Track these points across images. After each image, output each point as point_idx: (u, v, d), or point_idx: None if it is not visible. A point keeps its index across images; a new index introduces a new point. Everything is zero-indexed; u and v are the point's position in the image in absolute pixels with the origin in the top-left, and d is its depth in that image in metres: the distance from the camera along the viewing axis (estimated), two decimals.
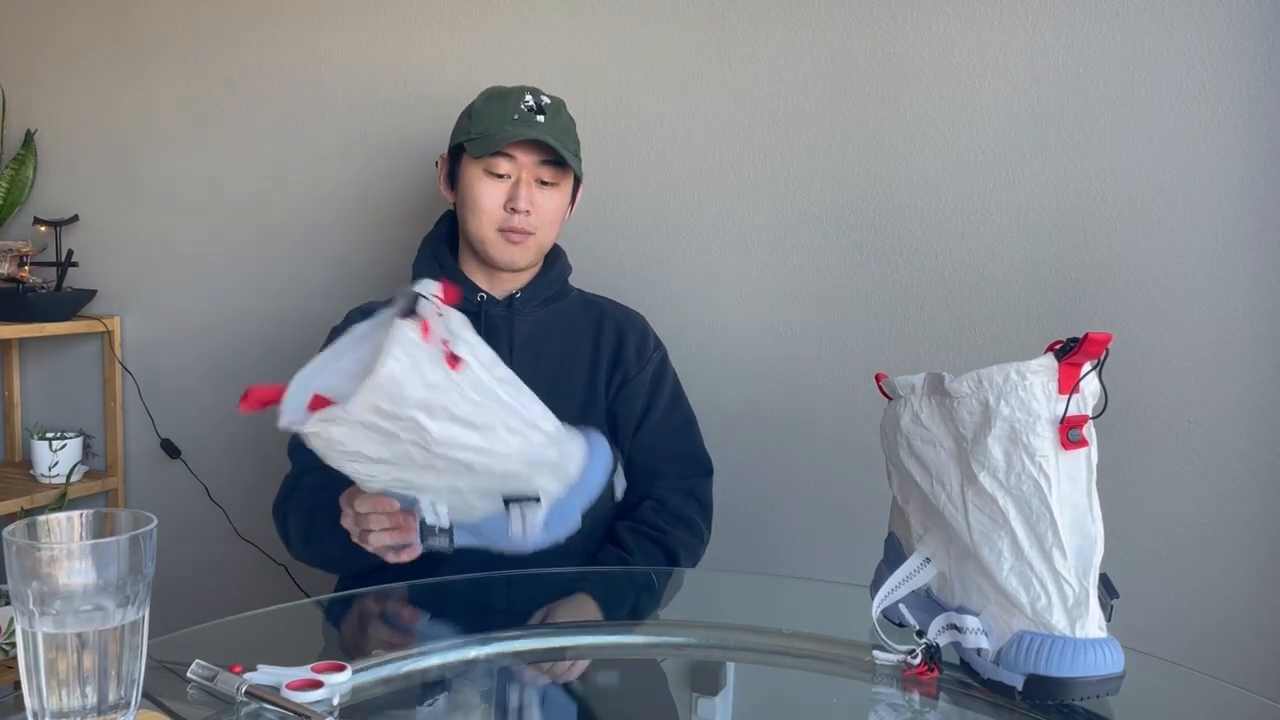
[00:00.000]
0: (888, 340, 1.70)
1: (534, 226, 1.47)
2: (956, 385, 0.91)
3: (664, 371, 1.56)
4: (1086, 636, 0.86)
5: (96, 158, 2.21)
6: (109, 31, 2.17)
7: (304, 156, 2.05)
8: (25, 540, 0.71)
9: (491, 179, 1.46)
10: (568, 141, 1.49)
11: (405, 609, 1.24)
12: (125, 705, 0.73)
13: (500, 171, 1.46)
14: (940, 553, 0.96)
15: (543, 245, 1.51)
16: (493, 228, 1.47)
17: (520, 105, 1.46)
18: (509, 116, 1.45)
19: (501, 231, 1.46)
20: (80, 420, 2.24)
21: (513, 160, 1.45)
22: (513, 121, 1.45)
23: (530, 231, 1.47)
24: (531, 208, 1.46)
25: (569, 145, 1.49)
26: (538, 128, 1.45)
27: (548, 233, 1.50)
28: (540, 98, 1.49)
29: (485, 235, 1.48)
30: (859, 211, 1.71)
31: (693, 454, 1.56)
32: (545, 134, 1.45)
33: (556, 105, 1.51)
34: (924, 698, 0.95)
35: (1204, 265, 1.55)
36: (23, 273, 2.11)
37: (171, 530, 1.55)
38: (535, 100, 1.48)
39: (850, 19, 1.70)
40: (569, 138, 1.50)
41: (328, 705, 0.86)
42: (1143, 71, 1.56)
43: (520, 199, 1.45)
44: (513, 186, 1.46)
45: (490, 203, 1.46)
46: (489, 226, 1.47)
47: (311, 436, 0.96)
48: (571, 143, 1.51)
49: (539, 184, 1.47)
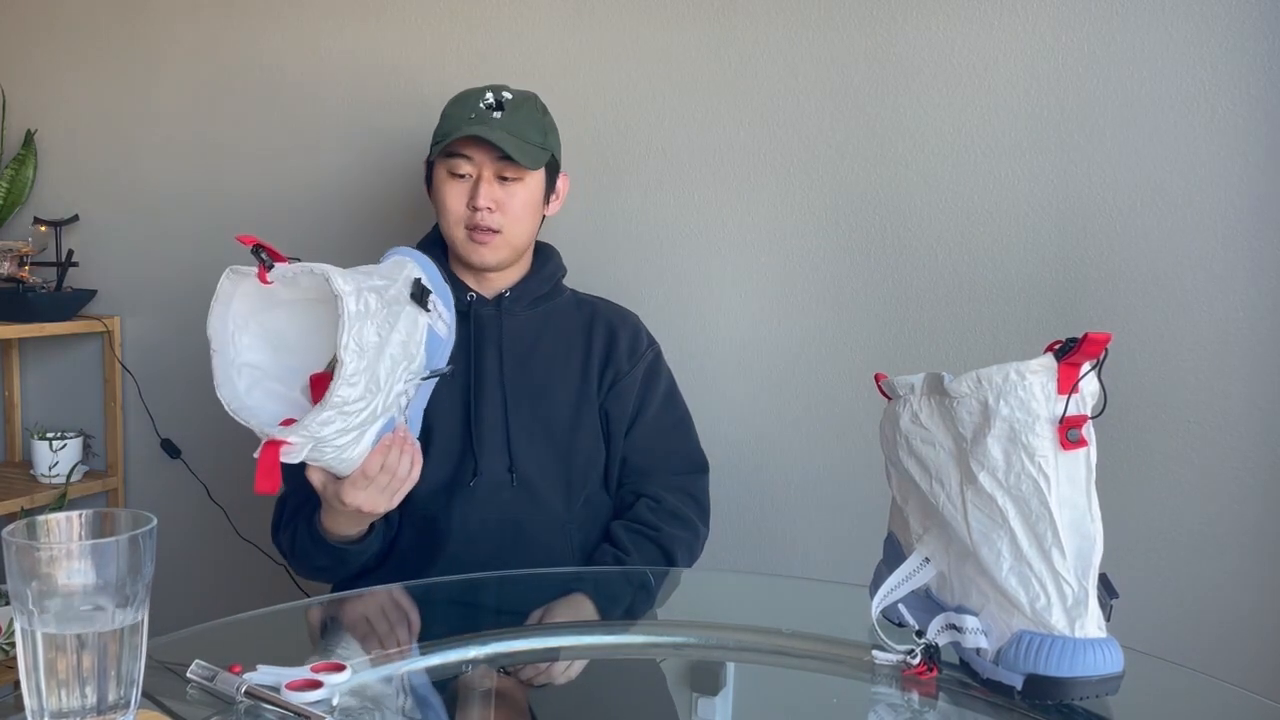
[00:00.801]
0: (888, 340, 1.70)
1: (499, 224, 1.45)
2: (956, 385, 0.91)
3: (657, 369, 1.56)
4: (1086, 636, 0.86)
5: (96, 158, 2.21)
6: (109, 32, 2.17)
7: (304, 156, 2.05)
8: (25, 540, 0.71)
9: (454, 179, 1.46)
10: (528, 133, 1.46)
11: (403, 609, 1.24)
12: (125, 705, 0.73)
13: (461, 172, 1.45)
14: (939, 552, 0.96)
15: (514, 243, 1.48)
16: (459, 227, 1.46)
17: (479, 104, 1.45)
18: (466, 116, 1.44)
19: (468, 230, 1.46)
20: (80, 420, 2.24)
21: (470, 160, 1.44)
22: (468, 121, 1.44)
23: (496, 230, 1.45)
24: (495, 205, 1.45)
25: (530, 138, 1.46)
26: (490, 124, 1.43)
27: (517, 229, 1.48)
28: (502, 94, 1.47)
29: (454, 235, 1.47)
30: (859, 211, 1.71)
31: (687, 452, 1.55)
32: (497, 129, 1.43)
33: (519, 100, 1.48)
34: (923, 698, 0.95)
35: (1204, 265, 1.55)
36: (23, 273, 2.11)
37: (171, 530, 1.54)
38: (495, 97, 1.46)
39: (850, 19, 1.69)
40: (530, 130, 1.46)
41: (328, 705, 0.86)
42: (1143, 71, 1.56)
43: (480, 196, 1.44)
44: (473, 185, 1.45)
45: (454, 203, 1.46)
46: (456, 226, 1.47)
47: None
48: (534, 134, 1.47)
49: (500, 180, 1.45)
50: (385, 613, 1.22)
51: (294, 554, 1.40)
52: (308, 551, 1.36)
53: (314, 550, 1.35)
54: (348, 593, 1.34)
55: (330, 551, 1.34)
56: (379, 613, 1.21)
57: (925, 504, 0.96)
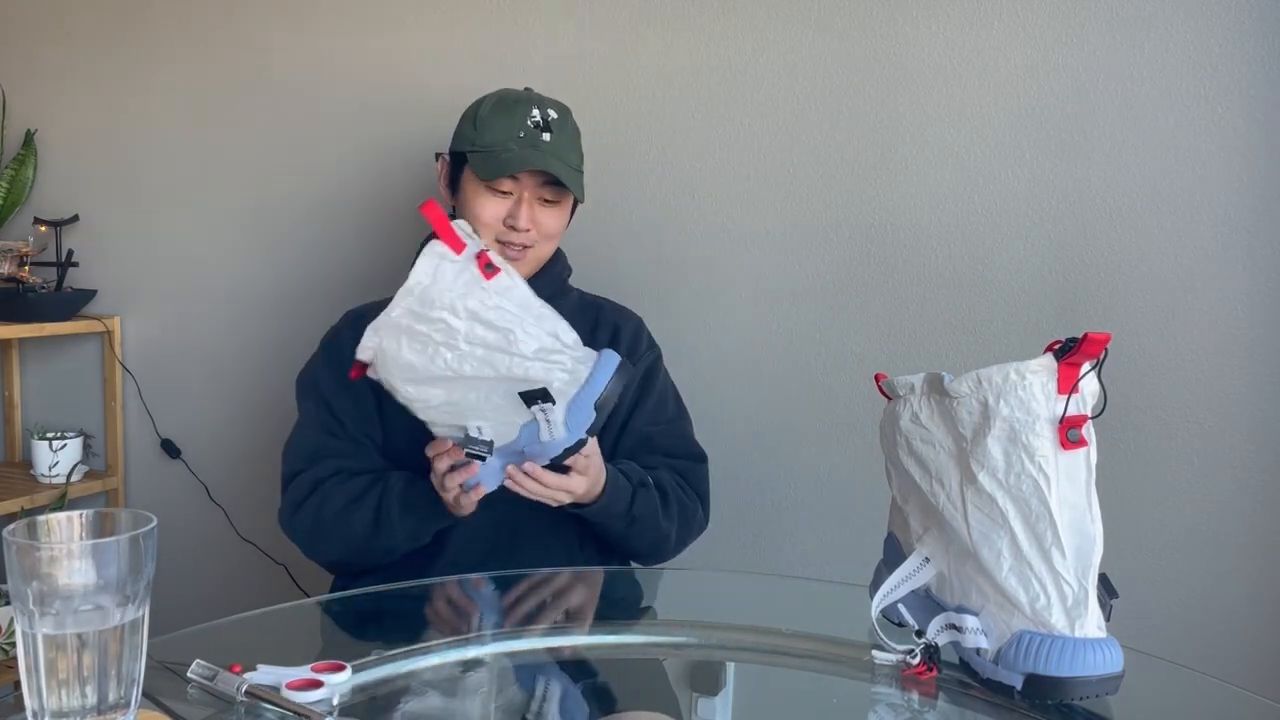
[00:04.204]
0: (888, 340, 1.70)
1: (533, 241, 1.45)
2: (956, 385, 0.91)
3: (656, 370, 1.55)
4: (1086, 636, 0.86)
5: (96, 158, 2.21)
6: (109, 32, 2.17)
7: (304, 157, 2.05)
8: (25, 540, 0.71)
9: (493, 194, 1.44)
10: (571, 157, 1.47)
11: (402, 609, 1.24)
12: (125, 705, 0.73)
13: (503, 189, 1.44)
14: (939, 552, 0.96)
15: (541, 258, 1.49)
16: (490, 237, 1.45)
17: (526, 121, 1.43)
18: (514, 134, 1.42)
19: (500, 243, 1.45)
20: (80, 420, 2.24)
21: (516, 180, 1.43)
22: (518, 140, 1.42)
23: (529, 246, 1.46)
24: (532, 225, 1.44)
25: (573, 161, 1.47)
26: (543, 148, 1.42)
27: (546, 247, 1.48)
28: (547, 111, 1.46)
29: None
30: (859, 212, 1.71)
31: (684, 446, 1.55)
32: (550, 155, 1.42)
33: (562, 118, 1.48)
34: (923, 697, 0.95)
35: (1204, 265, 1.55)
36: (23, 273, 2.11)
37: (171, 530, 1.54)
38: (542, 115, 1.45)
39: (851, 21, 1.70)
40: (573, 153, 1.48)
41: (328, 705, 0.86)
42: (1143, 72, 1.56)
43: (521, 217, 1.43)
44: (514, 204, 1.43)
45: (490, 216, 1.44)
46: (487, 237, 1.45)
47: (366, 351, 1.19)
48: (575, 157, 1.48)
49: (542, 202, 1.45)
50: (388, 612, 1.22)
51: (319, 532, 1.39)
52: (375, 532, 1.36)
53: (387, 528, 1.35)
54: (349, 592, 1.34)
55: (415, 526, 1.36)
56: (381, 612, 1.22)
57: (925, 504, 0.96)
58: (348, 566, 1.45)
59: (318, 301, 1.99)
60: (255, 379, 2.10)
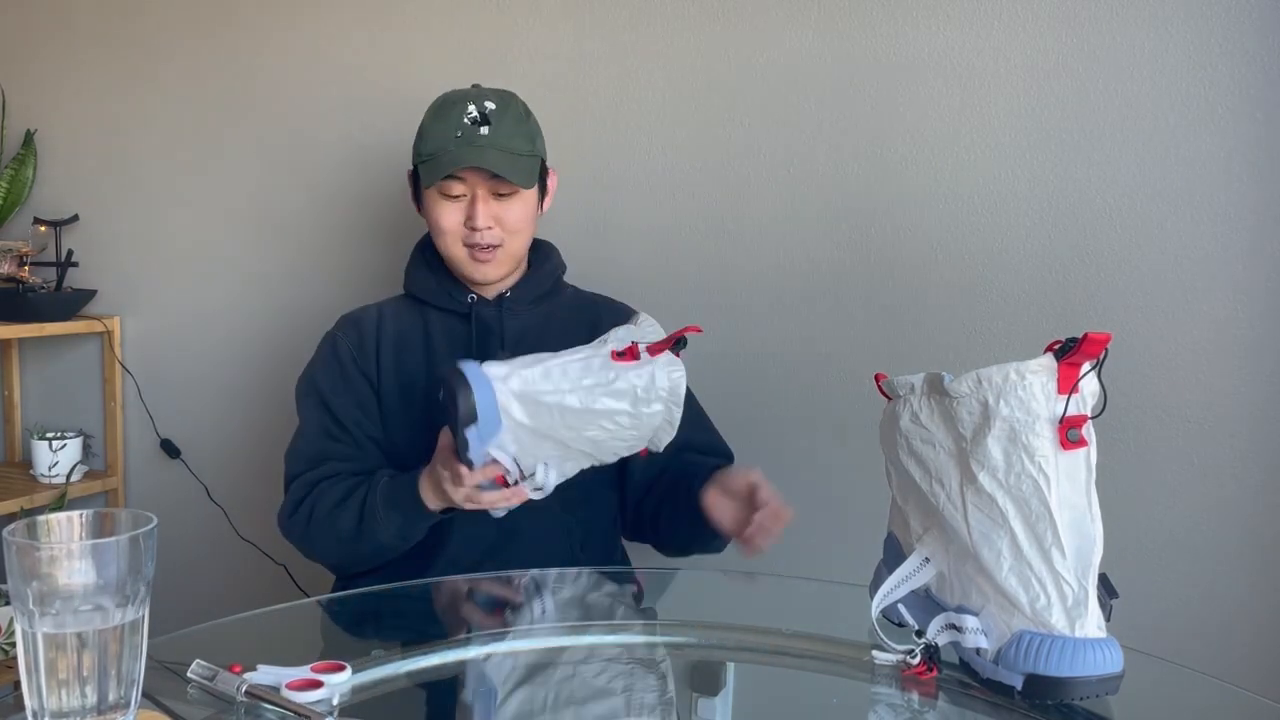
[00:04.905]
0: (888, 340, 1.70)
1: (499, 239, 1.44)
2: (956, 385, 0.91)
3: None
4: (1086, 636, 0.86)
5: (96, 158, 2.21)
6: (109, 32, 2.17)
7: (303, 157, 2.05)
8: (25, 540, 0.71)
9: (447, 200, 1.43)
10: (515, 143, 1.42)
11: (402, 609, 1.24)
12: (125, 705, 0.73)
13: (454, 193, 1.42)
14: (939, 552, 0.96)
15: (515, 253, 1.47)
16: (458, 245, 1.44)
17: (463, 119, 1.41)
18: (451, 134, 1.40)
19: (468, 248, 1.44)
20: (80, 420, 2.24)
21: (463, 181, 1.41)
22: (455, 140, 1.39)
23: (496, 244, 1.44)
24: (494, 222, 1.43)
25: (518, 148, 1.42)
26: (480, 142, 1.39)
27: (517, 240, 1.46)
28: (484, 104, 1.42)
29: (453, 254, 1.46)
30: (859, 211, 1.71)
31: (713, 443, 1.53)
32: (490, 148, 1.39)
33: (503, 107, 1.43)
34: (923, 698, 0.95)
35: (1203, 265, 1.55)
36: (23, 273, 2.11)
37: (171, 530, 1.54)
38: (479, 109, 1.42)
39: (851, 20, 1.69)
40: (517, 138, 1.43)
41: (328, 705, 0.86)
42: (1143, 71, 1.56)
43: (478, 217, 1.41)
44: (469, 205, 1.42)
45: (449, 223, 1.43)
46: (454, 245, 1.45)
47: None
48: (521, 143, 1.43)
49: (496, 197, 1.43)
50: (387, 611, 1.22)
51: (312, 533, 1.38)
52: (360, 531, 1.34)
53: (373, 526, 1.33)
54: (349, 592, 1.34)
55: (404, 525, 1.34)
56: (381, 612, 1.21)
57: (925, 504, 0.96)
58: (346, 567, 1.45)
59: (318, 300, 1.99)
60: (255, 379, 2.10)
